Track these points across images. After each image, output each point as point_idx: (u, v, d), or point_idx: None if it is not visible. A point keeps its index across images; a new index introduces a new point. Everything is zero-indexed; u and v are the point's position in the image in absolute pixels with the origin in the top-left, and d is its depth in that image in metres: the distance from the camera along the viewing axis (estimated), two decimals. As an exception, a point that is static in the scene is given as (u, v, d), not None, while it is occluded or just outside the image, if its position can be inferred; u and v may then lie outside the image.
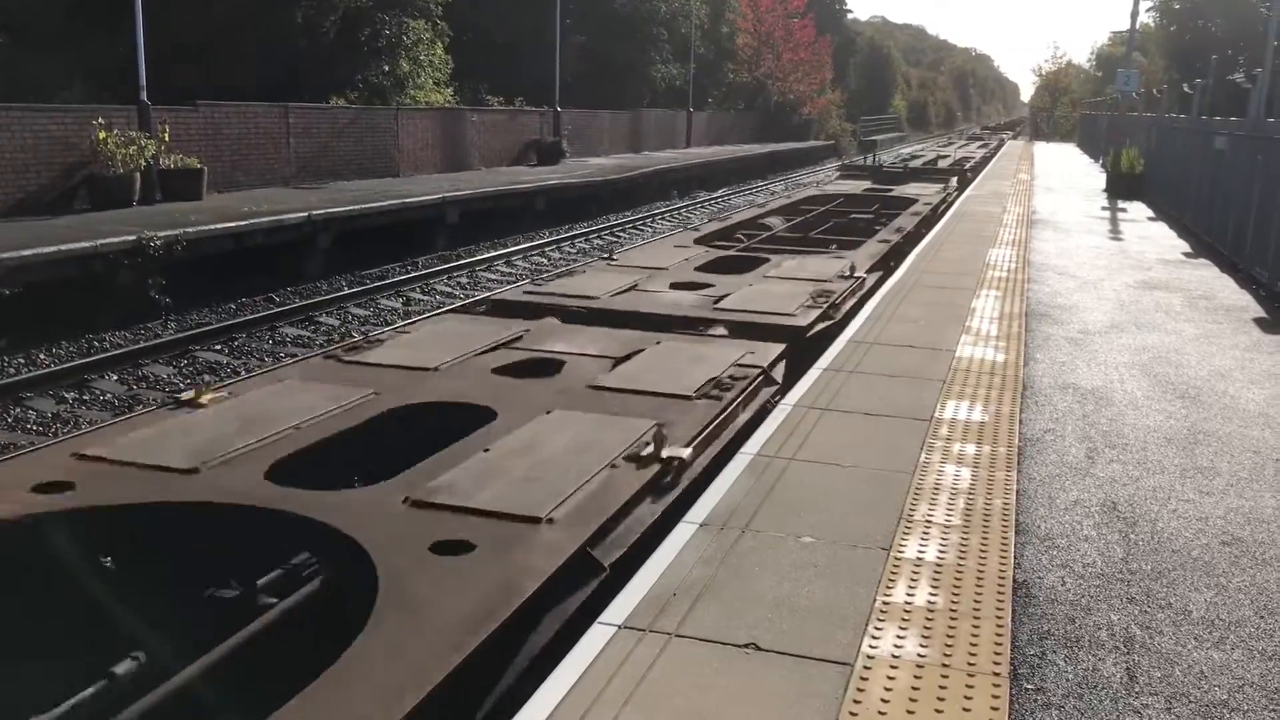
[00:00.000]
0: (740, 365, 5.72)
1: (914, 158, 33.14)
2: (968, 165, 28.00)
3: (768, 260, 9.48)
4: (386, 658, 2.68)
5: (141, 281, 11.98)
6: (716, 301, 7.39)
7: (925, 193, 17.19)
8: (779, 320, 6.89)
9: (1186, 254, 12.91)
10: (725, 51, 48.80)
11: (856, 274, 8.60)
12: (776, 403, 5.44)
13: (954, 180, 20.48)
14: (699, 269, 8.98)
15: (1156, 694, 3.04)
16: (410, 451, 4.22)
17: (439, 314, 8.99)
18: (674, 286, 8.06)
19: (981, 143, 48.99)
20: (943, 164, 27.35)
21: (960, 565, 3.68)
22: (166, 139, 15.47)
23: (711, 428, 4.70)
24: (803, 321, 6.90)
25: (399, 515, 3.60)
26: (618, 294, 7.70)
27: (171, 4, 16.44)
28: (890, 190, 17.71)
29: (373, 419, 4.69)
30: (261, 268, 14.05)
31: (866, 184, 19.48)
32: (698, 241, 11.01)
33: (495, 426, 4.55)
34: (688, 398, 5.07)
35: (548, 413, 4.76)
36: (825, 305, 7.41)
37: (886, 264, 10.14)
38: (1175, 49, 46.00)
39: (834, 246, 11.23)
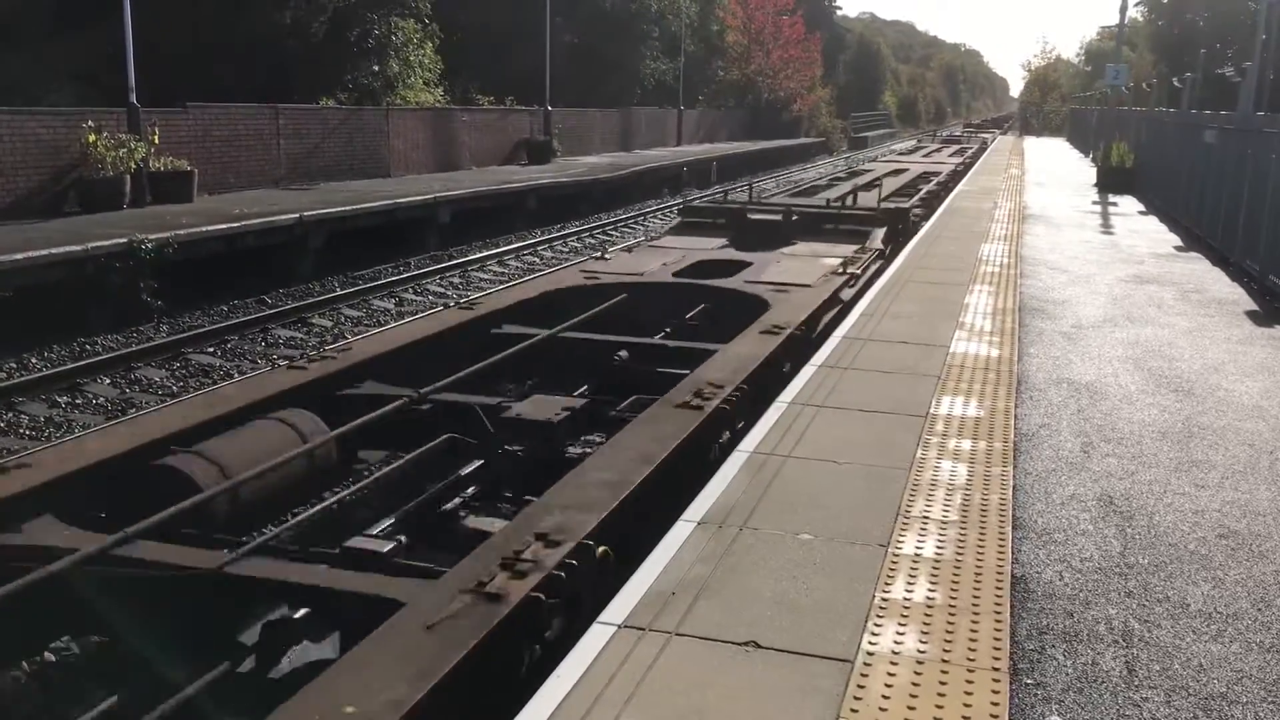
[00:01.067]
0: None
1: (853, 173, 22.57)
2: (918, 196, 17.45)
3: None
4: None
5: (133, 284, 11.93)
6: None
7: (807, 272, 9.27)
8: None
9: (1178, 248, 12.95)
10: (715, 49, 48.80)
11: None
12: None
13: (880, 235, 11.46)
14: None
15: (1156, 687, 3.04)
16: None
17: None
18: None
19: (958, 147, 37.08)
20: (868, 196, 15.36)
21: (958, 561, 3.68)
22: (156, 141, 15.41)
23: None
24: None
25: None
26: None
27: (160, 5, 16.37)
28: (736, 272, 9.36)
29: None
30: (253, 269, 14.01)
31: (712, 246, 11.12)
32: None
33: None
34: None
35: None
36: None
37: None
38: (1164, 43, 46.17)
39: None
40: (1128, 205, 18.25)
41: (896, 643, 3.12)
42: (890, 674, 2.95)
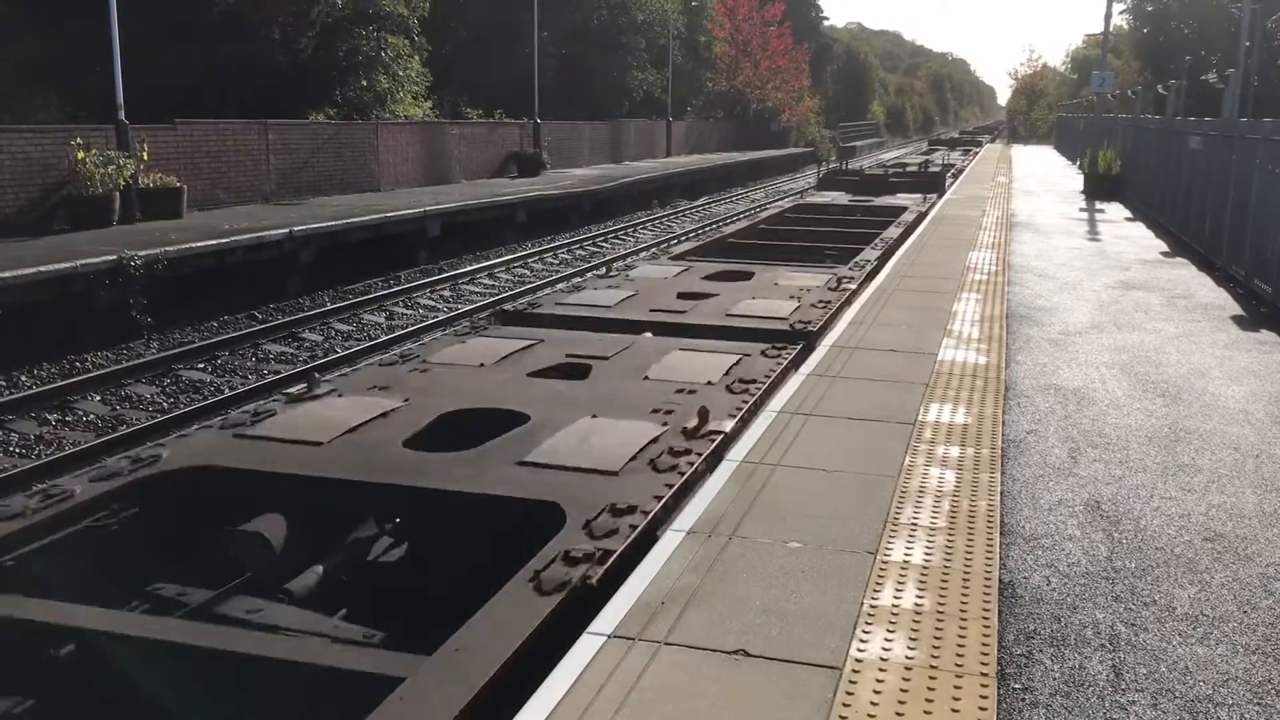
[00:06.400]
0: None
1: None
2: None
3: None
4: None
5: (123, 301, 11.93)
6: None
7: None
8: None
9: (1164, 253, 13.01)
10: (703, 60, 48.99)
11: None
12: None
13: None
14: None
15: (1143, 690, 3.06)
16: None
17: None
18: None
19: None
20: None
21: (946, 567, 3.70)
22: (145, 158, 15.41)
23: None
24: None
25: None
26: None
27: (149, 22, 16.39)
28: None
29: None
30: (243, 285, 14.01)
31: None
32: None
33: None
34: None
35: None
36: None
37: None
38: (1148, 51, 46.41)
39: None
40: (1115, 212, 18.34)
41: (885, 649, 3.13)
42: (879, 680, 2.97)
